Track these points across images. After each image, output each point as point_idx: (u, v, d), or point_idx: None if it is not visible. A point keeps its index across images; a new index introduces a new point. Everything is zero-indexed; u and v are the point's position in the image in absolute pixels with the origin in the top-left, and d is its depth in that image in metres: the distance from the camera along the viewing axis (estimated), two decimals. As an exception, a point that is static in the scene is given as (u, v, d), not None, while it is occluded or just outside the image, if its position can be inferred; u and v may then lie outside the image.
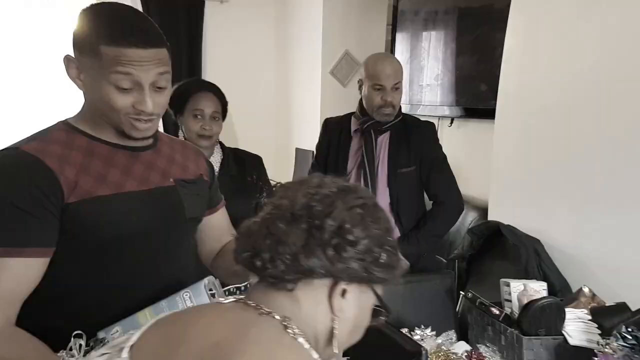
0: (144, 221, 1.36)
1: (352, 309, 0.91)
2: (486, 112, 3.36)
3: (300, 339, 0.84)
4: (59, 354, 1.23)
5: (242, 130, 5.60)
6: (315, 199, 0.89)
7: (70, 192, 1.25)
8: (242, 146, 2.50)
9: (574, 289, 2.25)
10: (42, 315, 1.25)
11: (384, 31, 5.62)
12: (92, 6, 1.31)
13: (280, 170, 5.99)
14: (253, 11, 6.29)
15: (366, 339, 1.01)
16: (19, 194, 1.21)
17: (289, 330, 0.85)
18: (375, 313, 0.98)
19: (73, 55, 1.28)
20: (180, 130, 2.27)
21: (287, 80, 6.45)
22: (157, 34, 1.29)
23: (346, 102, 5.30)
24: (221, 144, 2.39)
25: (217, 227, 1.65)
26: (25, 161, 1.23)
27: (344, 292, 0.89)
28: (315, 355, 0.85)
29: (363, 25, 5.63)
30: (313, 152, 5.59)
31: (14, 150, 1.26)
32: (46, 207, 1.22)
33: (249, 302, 0.89)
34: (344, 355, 1.63)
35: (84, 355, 1.22)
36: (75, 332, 1.23)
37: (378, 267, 0.89)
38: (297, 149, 6.09)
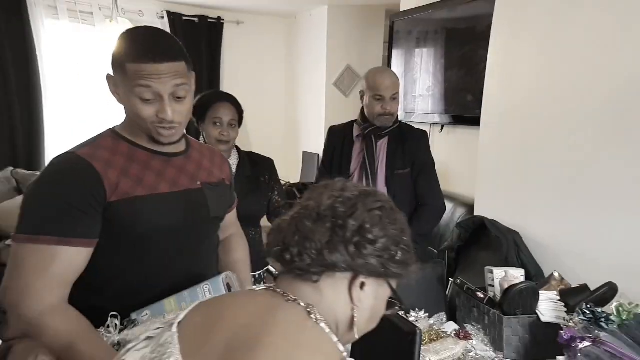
0: (173, 219, 1.37)
1: (369, 300, 0.91)
2: (472, 120, 3.35)
3: (322, 324, 0.84)
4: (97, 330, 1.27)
5: (255, 136, 5.62)
6: (338, 201, 0.89)
7: (112, 193, 1.27)
8: (255, 150, 2.49)
9: (547, 274, 2.27)
10: (84, 297, 1.26)
11: (381, 48, 5.64)
12: (125, 31, 1.35)
13: (289, 171, 6.01)
14: (265, 31, 6.35)
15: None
16: (72, 192, 1.24)
17: (312, 316, 0.84)
18: (389, 305, 0.97)
19: (112, 74, 1.32)
20: (202, 136, 2.27)
21: (295, 91, 6.48)
22: (175, 49, 1.30)
23: (348, 110, 5.33)
24: (237, 148, 2.36)
25: (227, 222, 1.65)
26: (79, 164, 1.27)
27: (362, 285, 0.89)
28: (334, 339, 0.84)
29: (363, 42, 5.68)
30: (318, 155, 5.66)
31: (70, 155, 1.29)
32: (92, 204, 1.25)
33: (277, 290, 0.89)
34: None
35: (119, 333, 1.27)
36: (112, 313, 1.27)
37: (394, 264, 0.89)
38: (304, 152, 6.13)
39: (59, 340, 1.18)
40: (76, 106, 5.31)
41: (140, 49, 1.26)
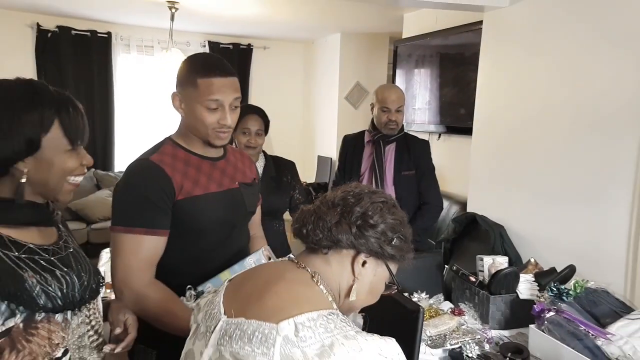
0: (221, 213, 1.41)
1: (369, 276, 0.94)
2: (465, 130, 3.42)
3: (321, 286, 0.90)
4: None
5: (277, 142, 5.65)
6: (350, 194, 0.95)
7: (179, 192, 1.33)
8: (277, 153, 2.48)
9: (524, 260, 2.33)
10: (159, 275, 1.33)
11: (385, 68, 5.68)
12: (190, 56, 1.42)
13: (305, 172, 6.06)
14: (287, 54, 6.45)
15: (379, 301, 1.04)
16: (153, 192, 1.30)
17: (314, 279, 0.90)
18: (388, 287, 1.00)
19: (179, 91, 1.38)
20: (234, 143, 2.25)
21: (312, 103, 6.54)
22: (231, 68, 1.38)
23: (356, 120, 5.45)
24: (264, 152, 2.34)
25: (252, 222, 1.65)
26: (154, 169, 1.32)
27: (364, 263, 0.93)
28: (330, 298, 0.90)
29: (370, 63, 5.74)
30: (331, 158, 5.75)
31: (146, 161, 1.34)
32: (166, 202, 1.31)
33: (294, 260, 0.96)
34: (361, 312, 1.71)
35: (194, 301, 1.32)
36: (188, 286, 1.35)
37: (390, 247, 0.92)
38: (318, 156, 6.21)
39: (159, 306, 1.28)
40: (138, 119, 5.76)
41: (209, 66, 1.33)
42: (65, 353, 0.98)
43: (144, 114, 5.71)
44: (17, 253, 0.93)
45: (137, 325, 1.15)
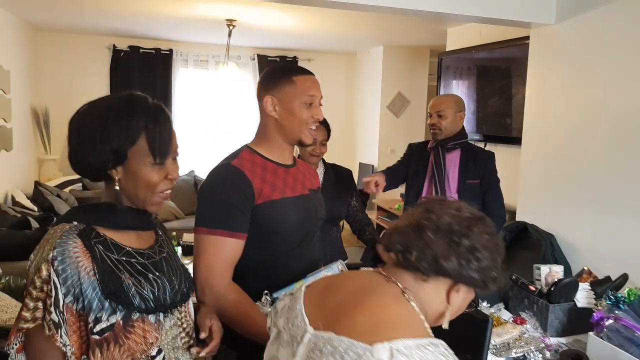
0: (297, 217, 1.40)
1: (460, 301, 0.92)
2: (511, 139, 3.41)
3: (413, 303, 0.85)
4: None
5: None
6: (455, 220, 0.89)
7: (258, 197, 1.32)
8: None
9: (573, 268, 2.32)
10: (234, 278, 1.33)
11: (426, 78, 5.74)
12: (272, 66, 1.47)
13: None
14: (331, 66, 6.55)
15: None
16: (235, 196, 1.30)
17: (405, 295, 0.86)
18: (469, 305, 0.99)
19: (274, 94, 1.39)
20: (298, 150, 2.19)
21: (354, 112, 6.60)
22: None
23: (398, 129, 5.51)
24: (323, 160, 2.36)
25: None
26: (236, 172, 1.33)
27: (458, 289, 0.90)
28: (422, 317, 0.85)
29: (411, 74, 5.78)
30: (372, 165, 5.79)
31: (228, 165, 1.35)
32: (247, 206, 1.31)
33: (382, 272, 0.92)
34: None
35: (269, 307, 1.32)
36: (265, 291, 1.34)
37: (491, 281, 0.90)
38: (360, 163, 6.22)
39: (235, 307, 1.28)
40: (193, 127, 6.10)
41: (300, 68, 1.41)
42: (159, 352, 1.01)
43: (198, 121, 6.06)
44: (117, 255, 0.98)
45: (221, 332, 1.15)
